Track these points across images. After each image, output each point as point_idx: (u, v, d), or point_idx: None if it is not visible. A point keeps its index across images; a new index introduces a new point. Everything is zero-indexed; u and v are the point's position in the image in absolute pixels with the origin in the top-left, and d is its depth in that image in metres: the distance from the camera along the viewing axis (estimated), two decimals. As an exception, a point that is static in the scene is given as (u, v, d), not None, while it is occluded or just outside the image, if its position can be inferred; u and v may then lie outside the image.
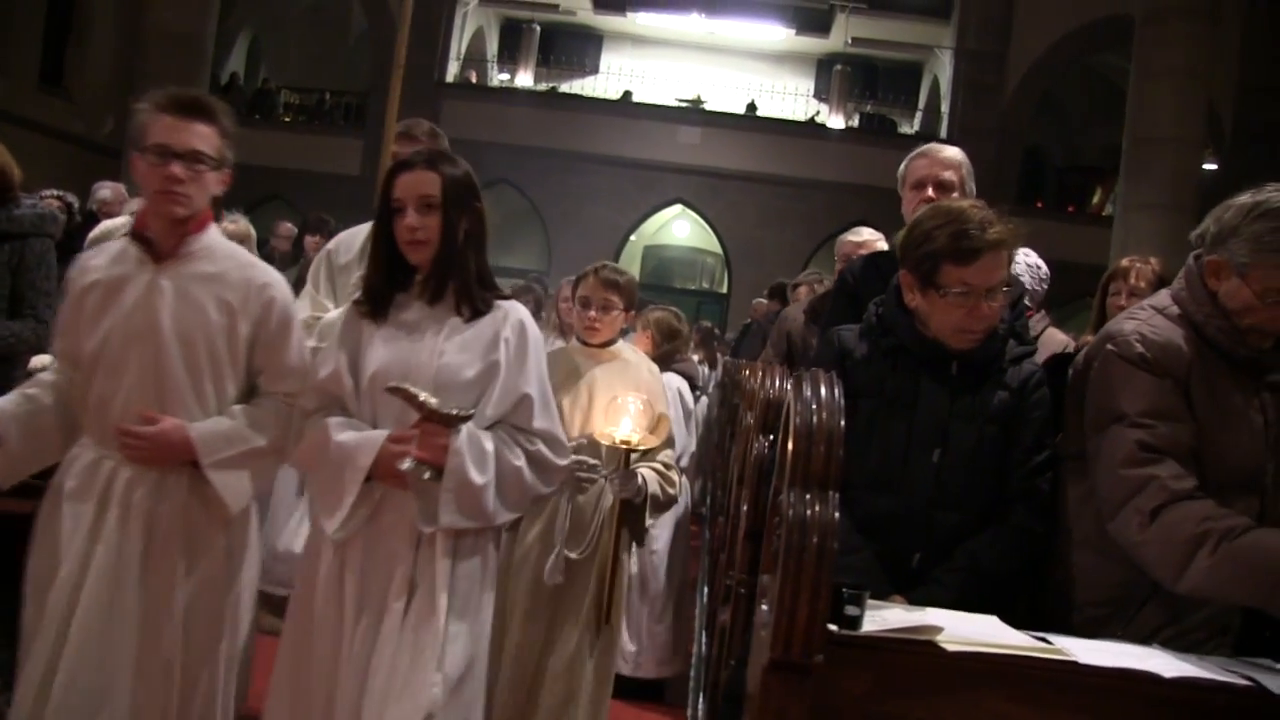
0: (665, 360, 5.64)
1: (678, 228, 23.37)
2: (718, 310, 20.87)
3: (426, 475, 2.79)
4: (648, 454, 3.98)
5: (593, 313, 4.09)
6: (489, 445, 2.87)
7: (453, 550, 2.90)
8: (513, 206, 21.38)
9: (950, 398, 2.76)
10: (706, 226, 21.59)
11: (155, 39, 15.39)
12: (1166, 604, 2.52)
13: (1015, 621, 2.35)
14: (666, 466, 4.06)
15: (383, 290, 2.98)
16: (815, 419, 2.03)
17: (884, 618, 2.19)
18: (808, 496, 1.96)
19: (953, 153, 3.69)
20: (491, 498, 2.87)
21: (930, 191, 3.54)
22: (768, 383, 3.39)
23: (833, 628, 2.03)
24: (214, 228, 3.16)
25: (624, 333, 4.38)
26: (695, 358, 8.04)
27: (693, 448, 6.01)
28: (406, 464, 2.77)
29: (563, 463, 3.03)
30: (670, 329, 5.76)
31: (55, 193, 7.48)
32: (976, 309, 2.70)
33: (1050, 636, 2.23)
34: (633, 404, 3.81)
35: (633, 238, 22.06)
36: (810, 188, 19.48)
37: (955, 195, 3.47)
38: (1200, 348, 2.57)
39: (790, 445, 2.05)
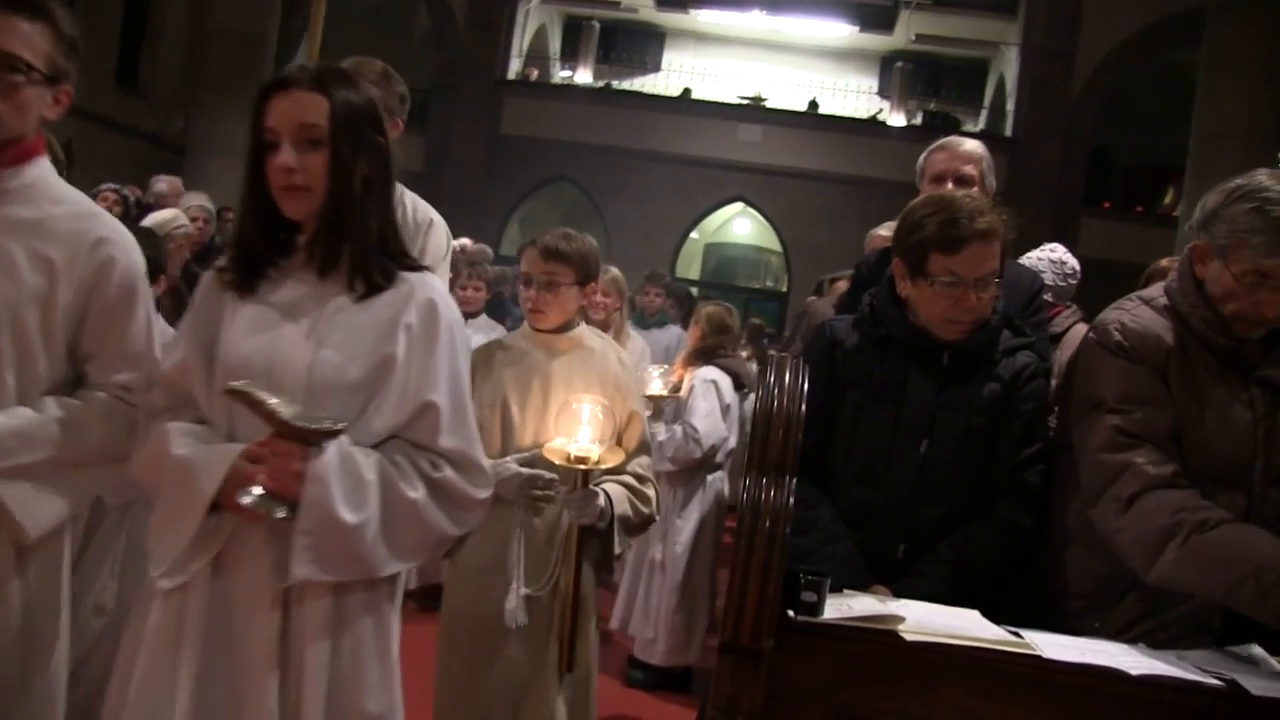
0: (708, 354, 5.65)
1: (739, 225, 23.31)
2: (776, 308, 20.76)
3: (281, 513, 2.04)
4: (616, 468, 3.27)
5: (533, 292, 3.36)
6: (370, 472, 2.09)
7: (332, 616, 2.13)
8: (573, 203, 21.45)
9: (939, 389, 2.73)
10: (767, 224, 21.51)
11: (219, 38, 15.59)
12: (1144, 598, 2.48)
13: (1005, 616, 2.32)
14: (640, 479, 3.35)
15: (255, 254, 2.21)
16: (775, 404, 2.02)
17: (854, 607, 2.17)
18: (764, 481, 1.95)
19: (973, 146, 3.63)
20: (371, 541, 2.09)
21: (949, 186, 3.48)
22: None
23: (791, 614, 2.02)
24: (43, 162, 2.38)
25: (581, 311, 3.59)
26: (744, 354, 8.06)
27: (732, 443, 5.99)
28: (248, 497, 2.02)
29: (481, 495, 2.23)
30: (721, 323, 5.78)
31: (113, 186, 7.68)
32: (964, 299, 2.66)
33: (1023, 632, 2.20)
34: (588, 410, 3.11)
35: (694, 235, 22.02)
36: (871, 186, 19.25)
37: (975, 190, 3.41)
38: (1184, 339, 2.53)
39: (750, 429, 2.05)
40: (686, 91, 22.15)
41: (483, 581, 3.24)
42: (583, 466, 3.08)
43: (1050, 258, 4.68)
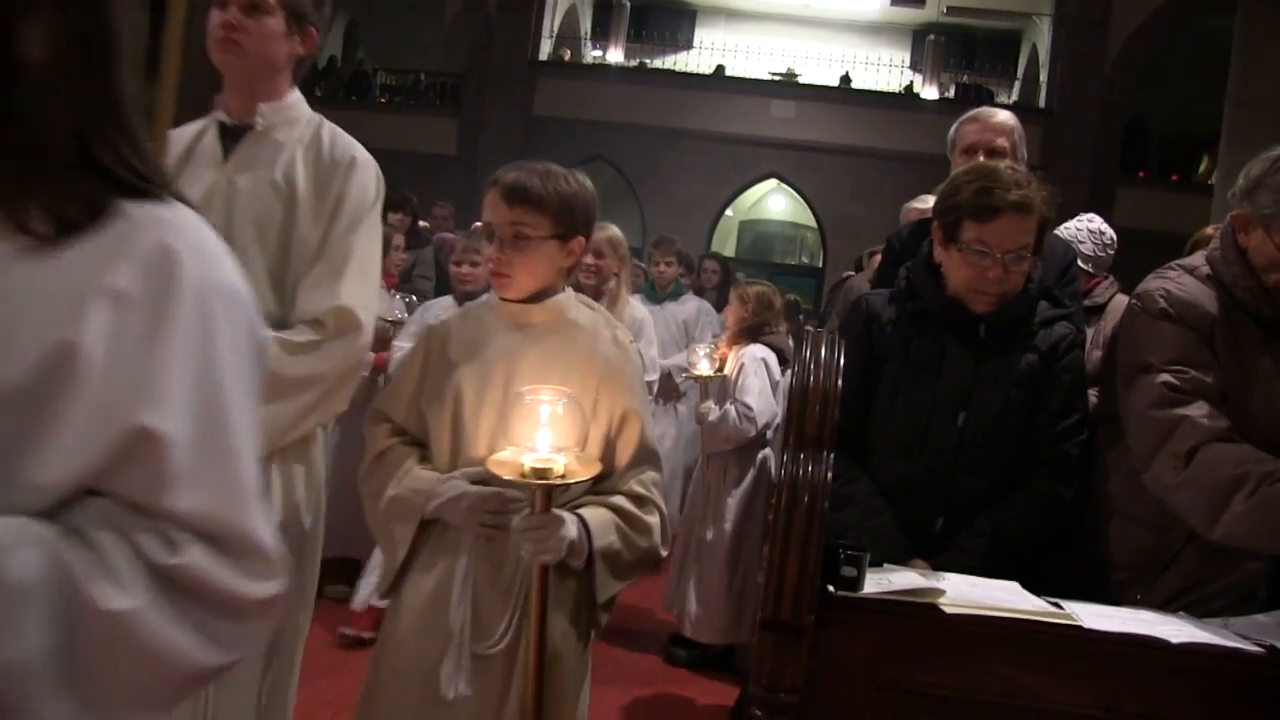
0: (754, 332, 5.64)
1: (773, 202, 23.25)
2: (812, 285, 20.66)
3: None
4: (601, 483, 2.45)
5: (493, 250, 2.48)
6: (24, 566, 1.08)
7: None
8: (607, 183, 21.43)
9: (976, 361, 2.72)
10: (801, 201, 21.43)
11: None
12: (1188, 570, 2.46)
13: (1045, 587, 2.32)
14: (638, 501, 2.45)
15: None
16: (812, 379, 2.02)
17: (893, 581, 2.18)
18: (801, 456, 1.95)
19: (1005, 117, 3.61)
20: (25, 699, 1.08)
21: (981, 158, 3.46)
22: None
23: (830, 589, 2.03)
24: None
25: (565, 274, 2.60)
26: (783, 330, 8.06)
27: (781, 419, 5.99)
28: None
29: (262, 592, 1.23)
30: (768, 301, 5.77)
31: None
32: (988, 270, 2.64)
33: (1063, 602, 2.20)
34: (547, 407, 2.22)
35: (728, 213, 21.96)
36: (906, 160, 19.11)
37: (1006, 162, 3.40)
38: (1228, 309, 2.50)
39: (787, 405, 2.05)
40: (720, 69, 22.07)
41: (419, 630, 2.42)
42: (542, 483, 2.21)
43: (1089, 228, 4.65)
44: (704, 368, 5.53)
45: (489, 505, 2.37)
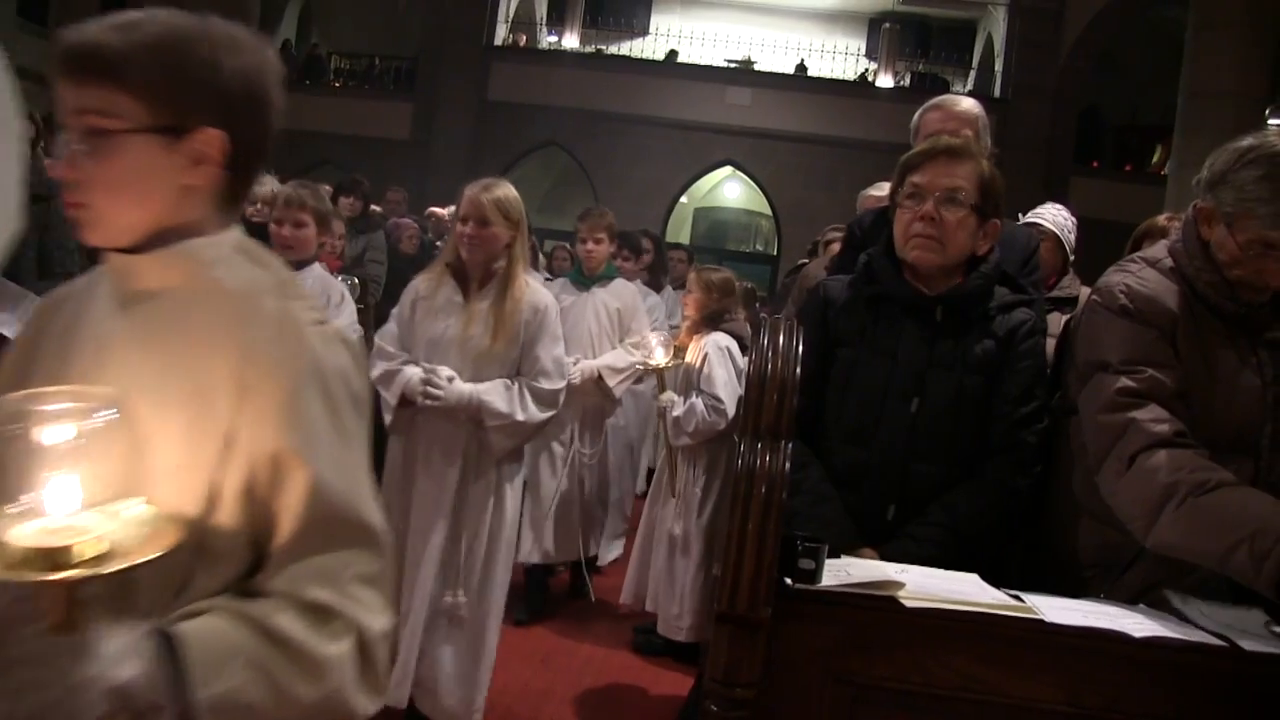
0: (715, 319, 5.51)
1: (729, 189, 23.23)
2: (767, 272, 20.64)
3: None
4: (252, 583, 1.38)
5: (59, 162, 1.43)
6: None
7: None
8: (562, 169, 21.35)
9: (931, 346, 2.68)
10: (756, 188, 21.43)
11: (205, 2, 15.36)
12: (1152, 568, 2.41)
13: (1006, 579, 2.28)
14: (312, 612, 1.35)
15: None
16: (769, 367, 1.97)
17: (851, 573, 2.13)
18: (758, 446, 1.90)
19: (969, 105, 3.57)
20: None
21: None
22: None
23: (788, 581, 1.99)
24: None
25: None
26: (741, 316, 7.96)
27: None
28: None
29: None
30: (729, 288, 5.64)
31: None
32: (920, 210, 2.67)
33: (1024, 595, 2.16)
34: (64, 427, 1.19)
35: (683, 200, 21.92)
36: (861, 148, 19.16)
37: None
38: (1191, 303, 2.46)
39: (744, 393, 2.00)
40: (673, 54, 22.01)
41: None
42: (58, 577, 1.14)
43: (1070, 217, 4.67)
44: (659, 356, 5.38)
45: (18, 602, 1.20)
